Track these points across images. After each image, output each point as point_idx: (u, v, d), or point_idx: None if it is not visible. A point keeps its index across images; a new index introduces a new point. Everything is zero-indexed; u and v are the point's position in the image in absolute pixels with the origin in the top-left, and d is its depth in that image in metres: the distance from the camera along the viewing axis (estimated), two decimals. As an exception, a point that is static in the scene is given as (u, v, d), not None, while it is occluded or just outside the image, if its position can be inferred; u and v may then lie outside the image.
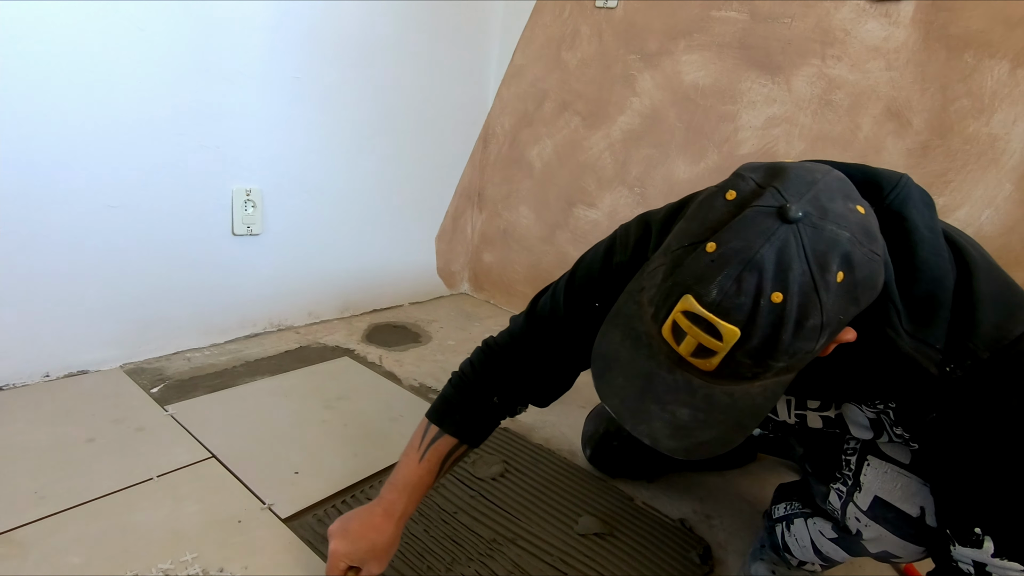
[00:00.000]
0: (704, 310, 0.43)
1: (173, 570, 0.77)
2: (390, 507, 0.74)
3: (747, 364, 0.44)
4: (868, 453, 0.68)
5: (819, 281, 0.41)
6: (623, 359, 0.50)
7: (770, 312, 0.42)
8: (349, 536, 0.71)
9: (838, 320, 0.44)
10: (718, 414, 0.47)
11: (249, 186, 1.39)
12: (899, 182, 0.53)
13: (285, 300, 1.59)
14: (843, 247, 0.42)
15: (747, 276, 0.42)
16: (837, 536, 0.77)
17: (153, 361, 1.33)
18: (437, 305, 1.97)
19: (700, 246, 0.45)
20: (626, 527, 0.98)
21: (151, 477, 0.94)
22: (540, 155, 1.83)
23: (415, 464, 0.75)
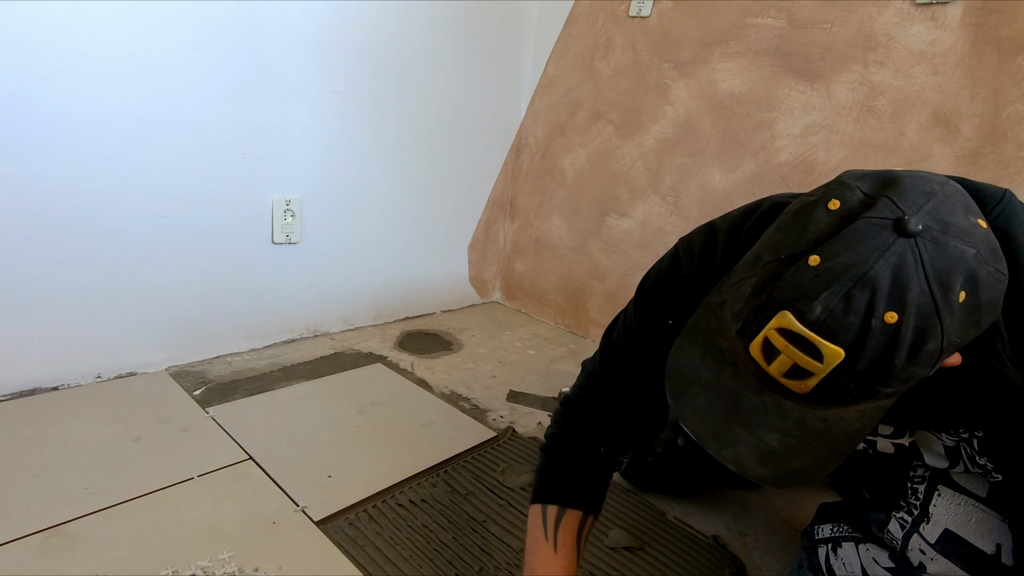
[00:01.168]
0: (805, 328, 0.40)
1: (211, 568, 0.80)
2: None
3: (850, 388, 0.41)
4: (939, 483, 0.64)
5: (940, 302, 0.38)
6: (705, 377, 0.47)
7: (883, 334, 0.38)
8: None
9: (955, 344, 0.40)
10: (811, 440, 0.43)
11: (289, 196, 1.44)
12: (1003, 198, 0.49)
13: (322, 307, 1.63)
14: (968, 265, 0.39)
15: (858, 294, 0.39)
16: (895, 566, 0.72)
17: (196, 364, 1.38)
18: (469, 313, 1.99)
19: (801, 259, 0.41)
20: (657, 542, 0.96)
21: (192, 476, 0.97)
22: (572, 164, 1.83)
23: (552, 558, 0.65)
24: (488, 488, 1.05)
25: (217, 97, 1.26)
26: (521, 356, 1.67)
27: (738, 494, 1.13)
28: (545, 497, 0.69)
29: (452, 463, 1.11)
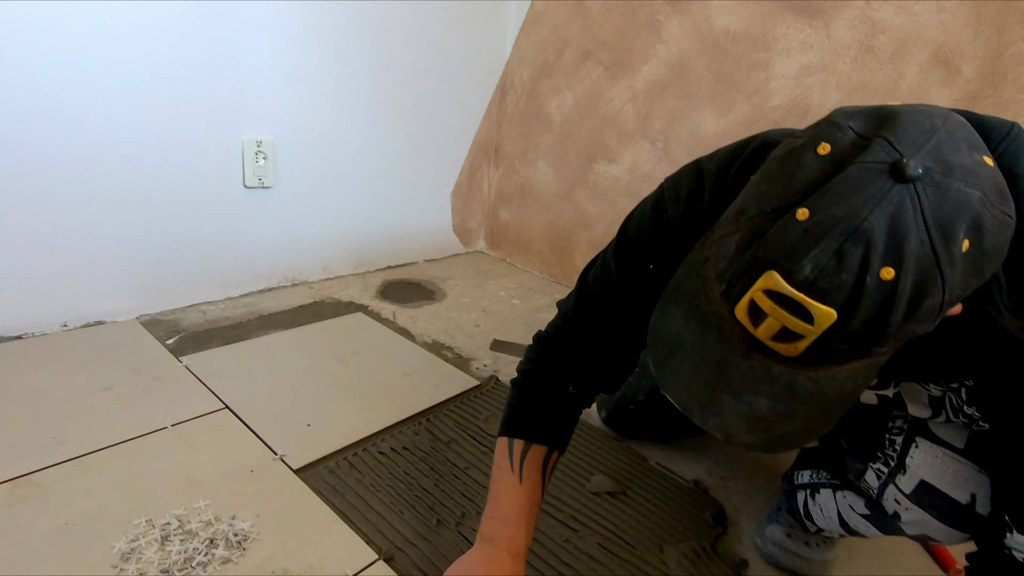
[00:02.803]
0: (793, 289, 0.37)
1: (186, 516, 0.78)
2: (511, 544, 0.64)
3: (843, 350, 0.38)
4: (917, 435, 0.63)
5: (942, 253, 0.35)
6: (688, 343, 0.44)
7: (878, 291, 0.35)
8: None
9: (957, 296, 0.37)
10: (801, 404, 0.41)
11: (260, 137, 1.36)
12: (1009, 132, 0.45)
13: (299, 255, 1.57)
14: (973, 210, 0.35)
15: (851, 249, 0.35)
16: (870, 513, 0.73)
17: (168, 313, 1.33)
18: (452, 263, 1.95)
19: (788, 213, 0.38)
20: (639, 487, 0.97)
21: (166, 426, 0.95)
22: (559, 108, 1.76)
23: (517, 487, 0.66)
24: (471, 436, 1.04)
25: (173, 24, 1.16)
26: (505, 306, 1.65)
27: (719, 440, 1.14)
28: (512, 431, 0.69)
29: (434, 411, 1.10)
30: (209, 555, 0.73)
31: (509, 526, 0.65)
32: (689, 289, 0.46)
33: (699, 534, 0.88)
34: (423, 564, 0.77)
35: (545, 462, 0.68)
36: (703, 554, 0.84)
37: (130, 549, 0.72)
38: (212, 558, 0.73)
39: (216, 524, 0.77)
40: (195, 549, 0.73)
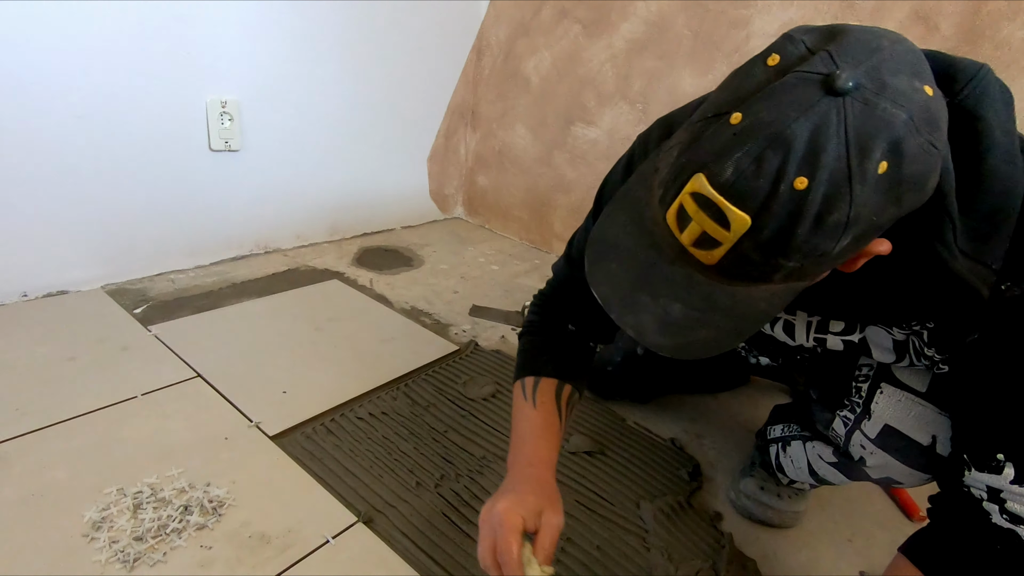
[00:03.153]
0: (715, 192, 0.37)
1: (159, 484, 0.77)
2: (531, 458, 0.63)
3: (754, 260, 0.39)
4: (882, 380, 0.65)
5: (855, 168, 0.35)
6: (623, 246, 0.45)
7: (790, 200, 0.36)
8: (511, 494, 0.58)
9: (870, 221, 0.37)
10: (715, 315, 0.42)
11: (225, 97, 1.30)
12: (977, 73, 0.44)
13: (272, 222, 1.53)
14: (895, 131, 0.35)
15: (770, 155, 0.35)
16: (837, 461, 0.76)
17: (136, 282, 1.29)
18: (430, 229, 1.92)
19: (724, 117, 0.38)
20: (617, 446, 0.98)
21: (135, 395, 0.92)
22: (537, 69, 1.71)
23: (532, 413, 0.66)
24: (450, 400, 1.04)
25: (127, -26, 1.09)
26: (484, 271, 1.64)
27: (695, 399, 1.16)
28: (523, 372, 0.71)
29: (413, 376, 1.09)
30: (184, 522, 0.72)
31: (527, 444, 0.65)
32: (635, 196, 0.47)
33: (675, 490, 0.90)
34: (403, 525, 0.77)
35: (558, 392, 0.68)
36: (679, 509, 0.86)
37: (101, 518, 0.71)
38: (187, 524, 0.72)
39: (190, 491, 0.76)
40: (169, 516, 0.72)
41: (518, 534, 0.54)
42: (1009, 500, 0.50)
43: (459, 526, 0.78)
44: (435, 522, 0.78)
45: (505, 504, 0.56)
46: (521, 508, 0.56)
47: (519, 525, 0.55)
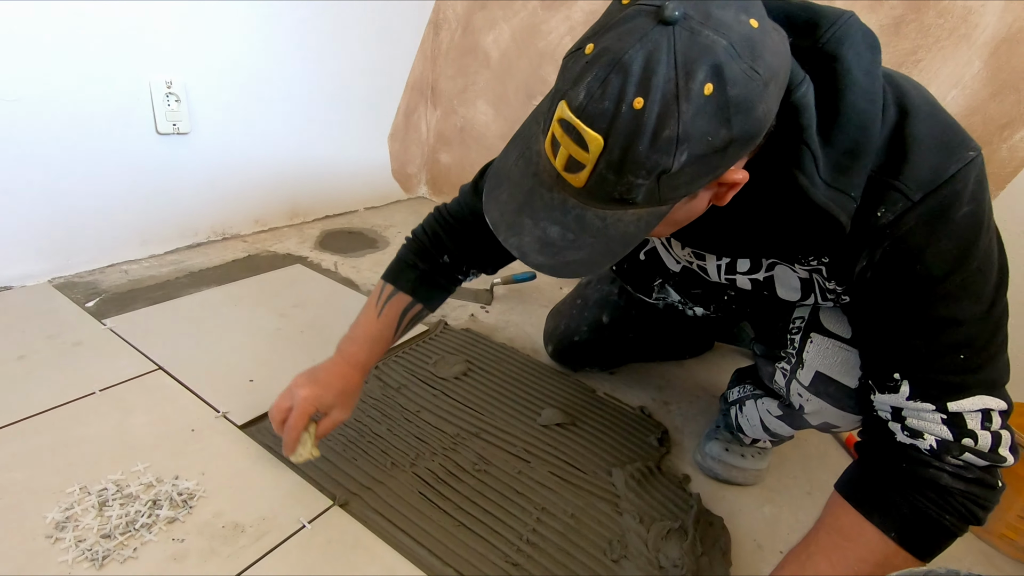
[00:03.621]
0: (573, 116, 0.41)
1: (124, 480, 0.75)
2: (352, 358, 0.79)
3: (611, 180, 0.42)
4: (812, 331, 0.68)
5: (682, 88, 0.38)
6: (513, 176, 0.49)
7: (631, 119, 0.39)
8: (318, 383, 0.74)
9: (705, 142, 0.40)
10: (588, 236, 0.46)
11: (170, 77, 1.24)
12: (838, 19, 0.48)
13: (228, 207, 1.48)
14: (715, 56, 0.38)
15: (613, 79, 0.39)
16: (782, 413, 0.81)
17: (85, 275, 1.23)
18: (394, 210, 1.89)
19: (582, 49, 0.41)
20: (588, 417, 1.00)
21: (93, 391, 0.89)
22: (497, 42, 1.69)
23: (374, 319, 0.79)
24: (421, 380, 1.04)
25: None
26: (450, 251, 1.62)
27: (662, 368, 1.19)
28: (388, 277, 0.81)
29: (383, 358, 1.09)
30: (153, 516, 0.70)
31: (354, 344, 0.80)
32: (527, 133, 0.51)
33: (645, 456, 0.93)
34: (379, 506, 0.77)
35: (405, 310, 0.80)
36: (649, 473, 0.89)
37: (65, 518, 0.69)
38: (157, 519, 0.70)
39: (158, 485, 0.75)
40: (137, 512, 0.70)
41: (307, 418, 0.73)
42: (908, 416, 0.55)
43: (436, 503, 0.79)
44: (412, 501, 0.79)
45: (308, 393, 0.72)
46: (318, 402, 0.73)
47: (310, 413, 0.73)
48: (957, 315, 0.51)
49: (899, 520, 0.54)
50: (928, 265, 0.50)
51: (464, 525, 0.76)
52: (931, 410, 0.53)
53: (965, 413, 0.52)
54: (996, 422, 0.53)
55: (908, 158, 0.49)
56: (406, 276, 0.80)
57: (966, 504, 0.53)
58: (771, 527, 0.84)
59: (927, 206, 0.49)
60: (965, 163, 0.49)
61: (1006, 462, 0.53)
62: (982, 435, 0.52)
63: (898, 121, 0.49)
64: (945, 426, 0.53)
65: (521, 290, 1.46)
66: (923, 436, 0.54)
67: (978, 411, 0.52)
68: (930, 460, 0.54)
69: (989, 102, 1.08)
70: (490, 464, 0.87)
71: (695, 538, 0.78)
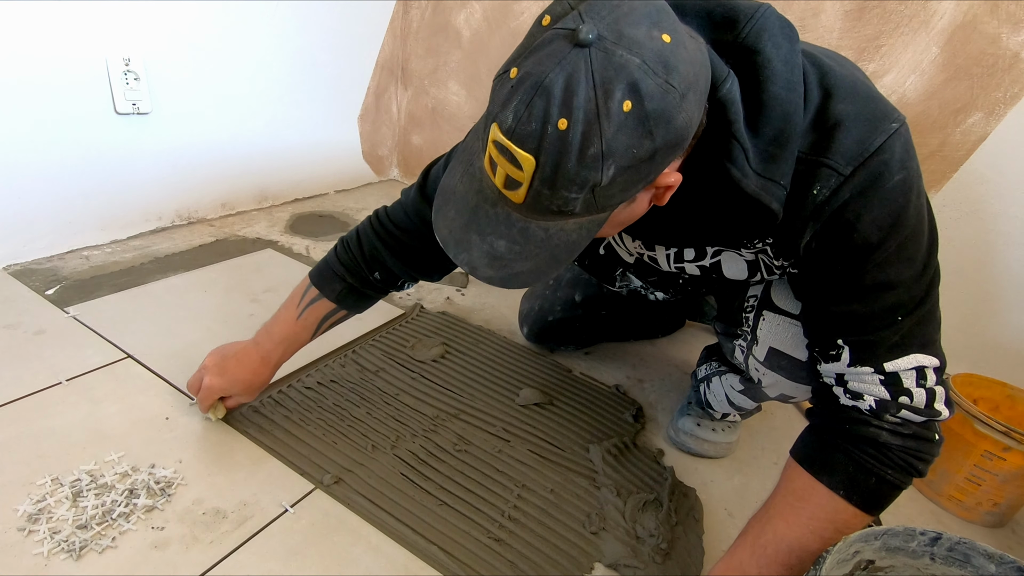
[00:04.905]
0: (504, 137, 0.42)
1: (98, 470, 0.73)
2: (267, 355, 0.81)
3: (547, 195, 0.43)
4: (764, 309, 0.71)
5: (601, 108, 0.39)
6: (459, 193, 0.50)
7: (557, 139, 0.40)
8: (227, 375, 0.79)
9: (631, 154, 0.41)
10: (533, 247, 0.47)
11: (127, 54, 1.18)
12: (755, 14, 0.49)
13: (194, 190, 1.44)
14: (630, 74, 0.39)
15: (537, 101, 0.40)
16: (744, 387, 0.85)
17: (44, 261, 1.19)
18: (366, 192, 1.86)
19: (507, 74, 0.43)
20: (565, 396, 1.02)
21: (59, 381, 0.87)
22: (468, 21, 1.66)
23: (292, 320, 0.81)
24: (399, 363, 1.04)
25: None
26: (424, 234, 1.62)
27: (636, 347, 1.22)
28: (315, 279, 0.80)
29: (360, 343, 1.08)
30: (130, 505, 0.70)
31: (271, 342, 0.81)
32: (470, 150, 0.52)
33: (620, 432, 0.96)
34: (362, 488, 0.78)
35: (327, 316, 0.81)
36: (625, 449, 0.92)
37: (37, 510, 0.67)
38: (134, 508, 0.69)
39: (134, 474, 0.74)
40: (114, 501, 0.69)
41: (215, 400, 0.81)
42: (850, 380, 0.58)
43: (418, 484, 0.80)
44: (394, 482, 0.79)
45: (215, 383, 0.79)
46: (223, 392, 0.80)
47: (215, 399, 0.80)
48: (893, 278, 0.54)
49: (845, 477, 0.58)
50: (864, 233, 0.52)
51: (446, 504, 0.78)
52: (870, 372, 0.56)
53: (900, 372, 0.56)
54: (931, 379, 0.56)
55: (835, 135, 0.51)
56: (331, 286, 0.79)
57: (905, 458, 0.57)
58: (741, 496, 0.88)
59: (859, 178, 0.51)
60: (889, 134, 0.51)
61: (941, 416, 0.57)
62: (917, 392, 0.56)
63: (822, 101, 0.51)
64: (883, 386, 0.56)
65: (496, 272, 1.46)
66: (863, 397, 0.57)
67: (912, 369, 0.56)
68: (869, 419, 0.57)
69: (945, 87, 1.13)
70: (470, 444, 0.88)
71: (670, 509, 0.81)
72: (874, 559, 0.58)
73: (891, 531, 0.57)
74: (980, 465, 0.87)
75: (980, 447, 0.87)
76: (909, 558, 0.58)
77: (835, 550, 0.54)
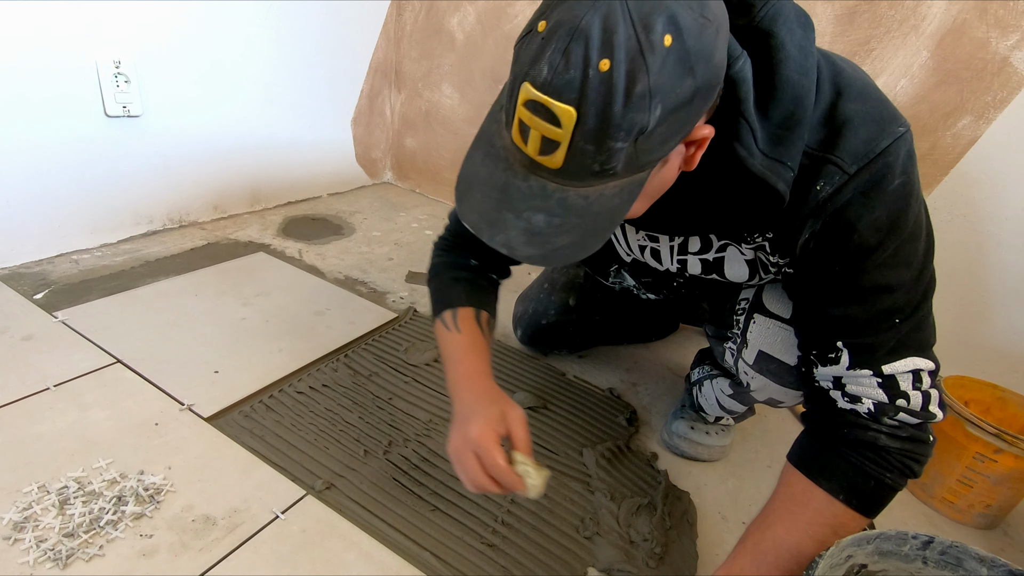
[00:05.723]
0: (539, 93, 0.40)
1: (86, 477, 0.73)
2: (472, 371, 0.69)
3: (590, 151, 0.41)
4: (755, 312, 0.72)
5: (644, 42, 0.38)
6: (482, 176, 0.48)
7: (600, 83, 0.39)
8: (474, 417, 0.62)
9: (674, 94, 0.40)
10: (573, 218, 0.45)
11: (117, 56, 1.18)
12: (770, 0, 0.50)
13: (185, 193, 1.43)
14: (668, 7, 0.39)
15: (574, 47, 0.39)
16: (733, 391, 0.85)
17: (32, 265, 1.17)
18: (359, 195, 1.86)
19: (533, 29, 0.41)
20: (559, 399, 1.02)
21: (47, 387, 0.86)
22: (462, 25, 1.66)
23: (457, 337, 0.72)
24: (392, 368, 1.04)
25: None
26: (418, 237, 1.61)
27: (630, 350, 1.22)
28: (440, 308, 0.76)
29: (352, 347, 1.08)
30: (119, 513, 0.69)
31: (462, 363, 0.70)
32: (487, 132, 0.50)
33: (615, 435, 0.95)
34: (354, 494, 0.77)
35: (476, 318, 0.74)
36: (619, 452, 0.92)
37: (23, 518, 0.66)
38: (123, 515, 0.68)
39: (123, 481, 0.73)
40: (101, 509, 0.69)
41: (498, 447, 0.60)
42: (848, 384, 0.58)
43: (410, 489, 0.79)
44: (386, 487, 0.79)
45: (476, 428, 0.60)
46: (489, 424, 0.61)
47: (496, 439, 0.60)
48: (891, 281, 0.54)
49: (844, 481, 0.58)
50: (864, 235, 0.52)
51: (439, 509, 0.77)
52: (868, 375, 0.56)
53: (898, 375, 0.56)
54: (926, 381, 0.56)
55: (843, 133, 0.51)
56: (453, 295, 0.76)
57: (902, 460, 0.57)
58: (734, 499, 0.88)
59: (862, 178, 0.51)
60: (896, 137, 0.51)
61: (936, 418, 0.57)
62: (913, 395, 0.56)
63: (833, 99, 0.52)
64: (881, 389, 0.56)
65: (490, 276, 1.46)
66: (861, 400, 0.57)
67: (909, 372, 0.56)
68: (868, 423, 0.57)
69: (935, 91, 1.13)
70: (464, 448, 0.88)
71: (664, 513, 0.81)
72: (867, 563, 0.58)
73: (884, 535, 0.57)
74: (972, 467, 0.88)
75: (972, 449, 0.87)
76: (902, 562, 0.58)
77: (828, 554, 0.54)
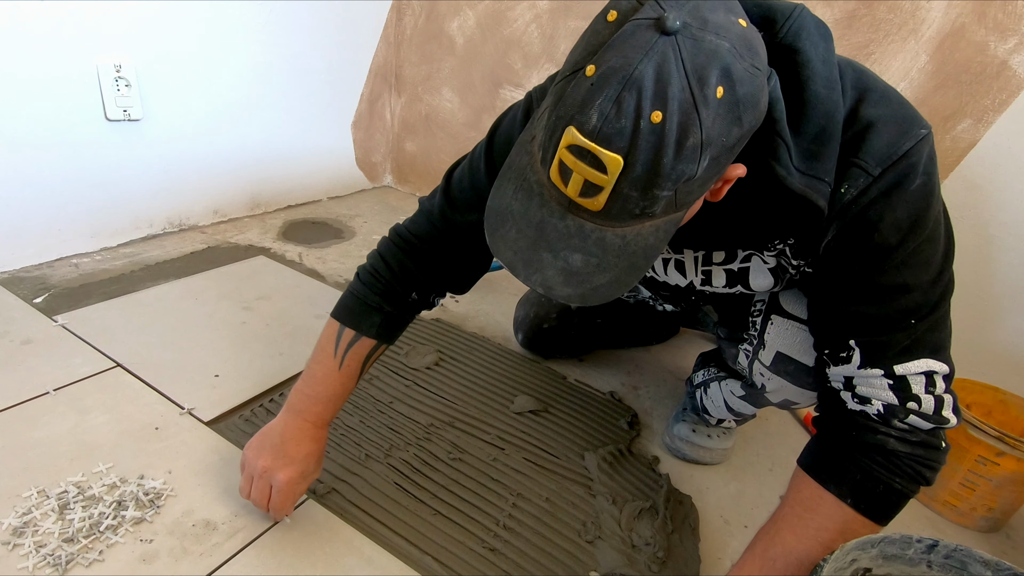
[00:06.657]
0: (586, 140, 0.40)
1: (86, 482, 0.72)
2: (318, 419, 0.71)
3: (634, 197, 0.42)
4: (772, 313, 0.71)
5: (698, 96, 0.39)
6: (516, 211, 0.48)
7: (651, 133, 0.39)
8: (295, 460, 0.67)
9: (721, 143, 0.41)
10: (611, 257, 0.45)
11: (118, 60, 1.18)
12: (792, 13, 0.50)
13: (185, 197, 1.43)
14: (723, 59, 0.39)
15: (627, 96, 0.39)
16: (745, 393, 0.84)
17: (32, 269, 1.17)
18: (359, 199, 1.86)
19: (581, 72, 0.41)
20: (560, 403, 1.02)
21: (47, 391, 0.85)
22: (461, 29, 1.67)
23: (335, 373, 0.71)
24: (392, 371, 1.03)
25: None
26: (418, 241, 1.61)
27: (631, 353, 1.22)
28: (347, 319, 0.72)
29: (353, 351, 1.07)
30: (119, 517, 0.68)
31: (319, 404, 0.71)
32: (519, 165, 0.49)
33: (616, 439, 0.95)
34: (355, 498, 0.77)
35: (369, 355, 0.72)
36: (620, 456, 0.91)
37: (23, 523, 0.66)
38: (123, 520, 0.68)
39: (123, 486, 0.72)
40: (101, 513, 0.68)
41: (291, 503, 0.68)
42: (858, 384, 0.58)
43: (412, 493, 0.79)
44: (387, 492, 0.79)
45: (289, 476, 0.66)
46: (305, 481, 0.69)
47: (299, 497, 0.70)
48: (908, 281, 0.54)
49: (853, 486, 0.57)
50: (884, 234, 0.52)
51: (441, 513, 0.77)
52: (879, 375, 0.56)
53: (910, 376, 0.55)
54: (940, 386, 0.56)
55: (867, 136, 0.51)
56: (370, 320, 0.71)
57: (913, 466, 0.56)
58: (736, 503, 0.88)
59: (885, 180, 0.51)
60: (918, 139, 0.52)
61: (950, 423, 0.56)
62: (926, 399, 0.55)
63: (856, 102, 0.52)
64: (891, 391, 0.56)
65: (490, 279, 1.46)
66: (871, 402, 0.57)
67: (922, 374, 0.55)
68: (877, 426, 0.57)
69: (934, 94, 1.14)
70: (465, 452, 0.87)
71: (666, 516, 0.80)
72: (871, 567, 0.58)
73: (888, 538, 0.57)
74: (974, 470, 0.88)
75: (974, 452, 0.87)
76: (906, 565, 0.57)
77: (832, 558, 0.54)
